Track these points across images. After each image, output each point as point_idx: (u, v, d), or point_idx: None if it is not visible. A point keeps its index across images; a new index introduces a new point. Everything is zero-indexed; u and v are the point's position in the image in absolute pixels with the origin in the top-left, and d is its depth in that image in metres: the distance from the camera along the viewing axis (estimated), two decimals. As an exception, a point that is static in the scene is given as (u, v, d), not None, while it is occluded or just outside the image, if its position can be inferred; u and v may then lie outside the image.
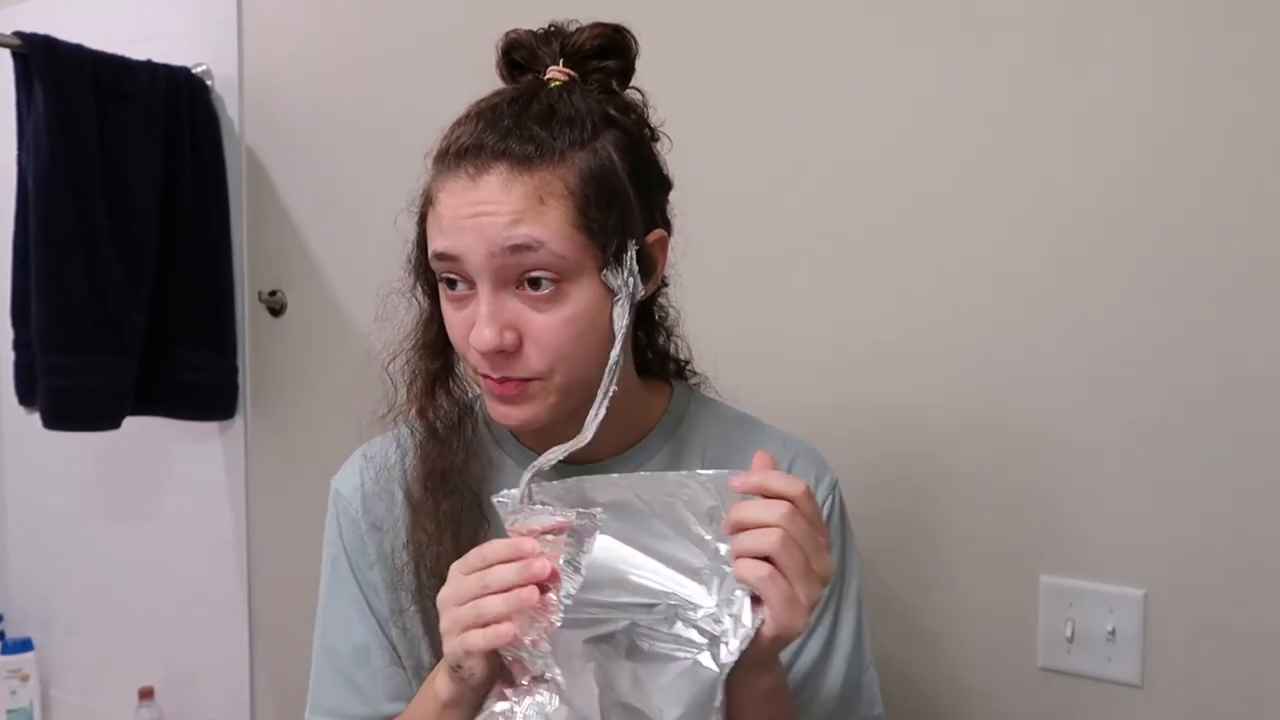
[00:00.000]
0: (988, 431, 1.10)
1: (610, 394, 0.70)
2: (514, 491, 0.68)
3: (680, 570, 0.64)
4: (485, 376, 0.73)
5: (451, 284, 0.72)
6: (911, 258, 1.13)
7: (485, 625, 0.64)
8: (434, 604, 0.70)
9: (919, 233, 1.12)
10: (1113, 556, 1.04)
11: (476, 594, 0.65)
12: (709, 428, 0.84)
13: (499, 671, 0.67)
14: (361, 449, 0.87)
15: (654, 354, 0.87)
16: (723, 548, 0.64)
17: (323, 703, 0.84)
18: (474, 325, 0.70)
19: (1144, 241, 1.01)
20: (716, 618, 0.63)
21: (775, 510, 0.63)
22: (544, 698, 0.63)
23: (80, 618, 2.05)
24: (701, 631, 0.63)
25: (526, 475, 0.68)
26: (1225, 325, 0.98)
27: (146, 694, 1.85)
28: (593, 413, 0.69)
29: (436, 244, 0.71)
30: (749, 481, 0.65)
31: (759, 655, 0.65)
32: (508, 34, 0.79)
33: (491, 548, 0.66)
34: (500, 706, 0.64)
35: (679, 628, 0.63)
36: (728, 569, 0.64)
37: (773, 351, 1.21)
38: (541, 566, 0.64)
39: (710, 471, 0.67)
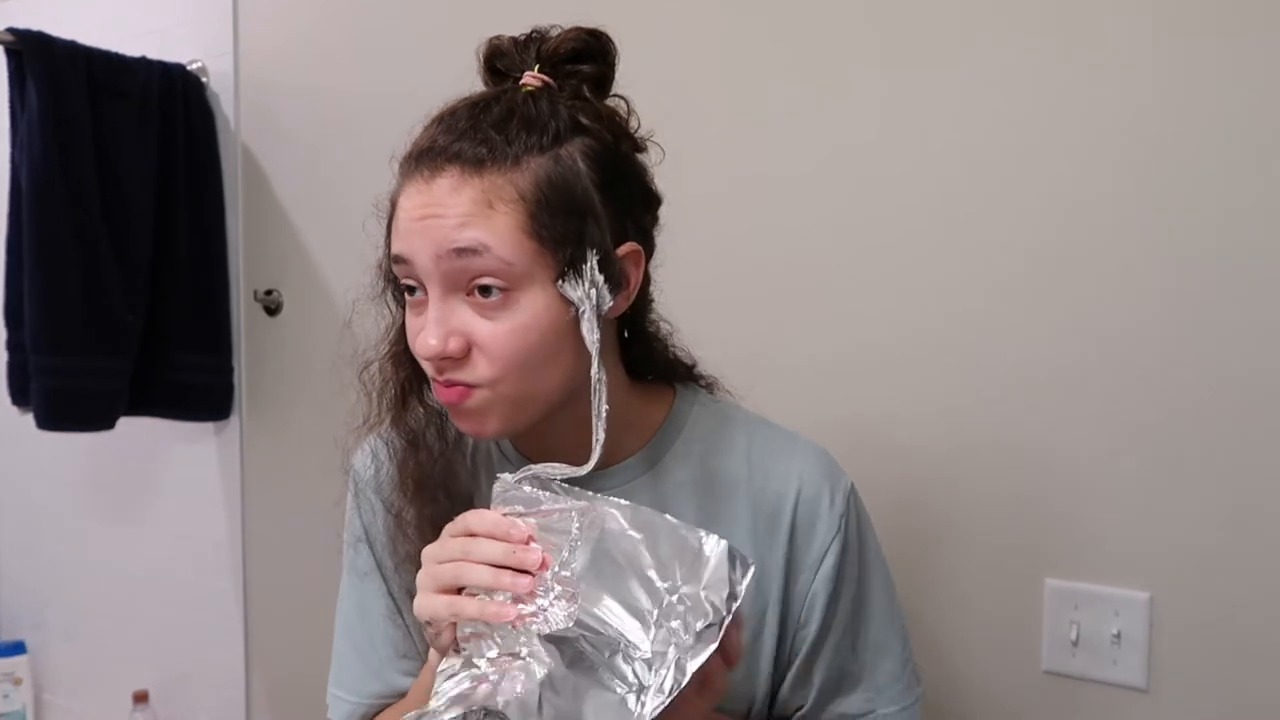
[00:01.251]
0: (992, 433, 1.10)
1: (604, 414, 0.70)
2: (510, 477, 0.69)
3: (628, 609, 0.65)
4: (435, 382, 0.73)
5: (411, 290, 0.72)
6: (912, 263, 1.13)
7: (461, 590, 0.66)
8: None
9: (918, 239, 1.13)
10: (1118, 559, 1.05)
11: (458, 557, 0.66)
12: (712, 433, 0.84)
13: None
14: (375, 433, 0.88)
15: (655, 363, 0.86)
16: (669, 599, 0.65)
17: (341, 678, 0.88)
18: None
19: (1150, 242, 1.01)
20: (650, 665, 0.64)
21: None
22: (516, 679, 0.64)
23: (74, 621, 2.05)
24: (635, 673, 0.64)
25: (518, 475, 0.69)
26: (1232, 325, 0.98)
27: (141, 698, 1.85)
28: (595, 437, 0.69)
29: (393, 247, 0.72)
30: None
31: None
32: (490, 41, 0.78)
33: (478, 517, 0.67)
34: (482, 692, 0.64)
35: (619, 661, 0.64)
36: (670, 622, 0.64)
37: (773, 356, 1.21)
38: (535, 557, 0.64)
39: (675, 521, 0.66)
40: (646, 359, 0.85)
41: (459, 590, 0.66)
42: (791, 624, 0.82)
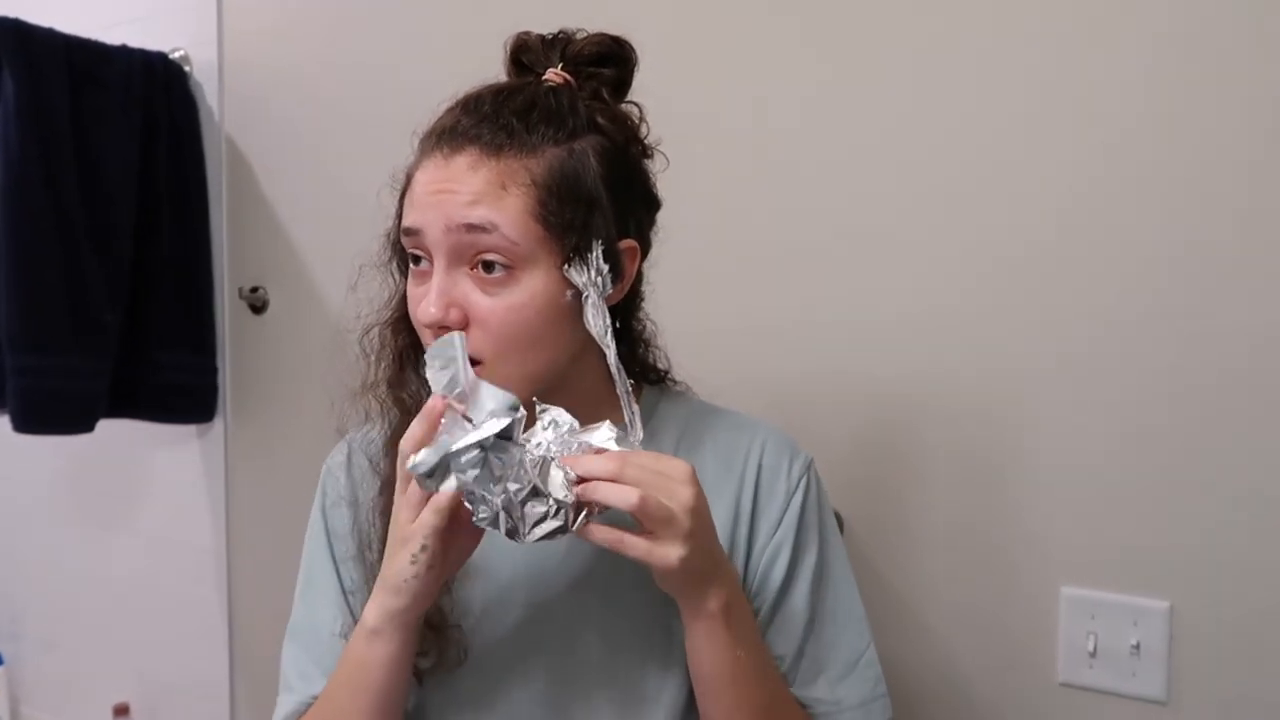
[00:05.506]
0: (1006, 436, 1.10)
1: (630, 392, 0.75)
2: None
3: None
4: None
5: (416, 260, 0.77)
6: (923, 264, 1.13)
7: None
8: None
9: (929, 236, 1.13)
10: (1137, 566, 1.04)
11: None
12: (679, 421, 0.88)
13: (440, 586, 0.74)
14: (351, 433, 0.92)
15: (635, 364, 0.90)
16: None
17: (291, 681, 0.90)
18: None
19: (1174, 243, 1.01)
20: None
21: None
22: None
23: (52, 631, 2.05)
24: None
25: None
26: (1257, 328, 0.98)
27: (122, 710, 1.86)
28: (627, 415, 0.75)
29: (405, 219, 0.78)
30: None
31: (673, 585, 0.72)
32: (518, 35, 0.83)
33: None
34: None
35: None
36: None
37: (776, 353, 1.22)
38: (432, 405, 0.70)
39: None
40: (628, 357, 0.88)
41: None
42: (746, 589, 0.84)
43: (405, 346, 0.84)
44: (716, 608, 0.74)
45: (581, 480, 0.68)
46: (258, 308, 1.70)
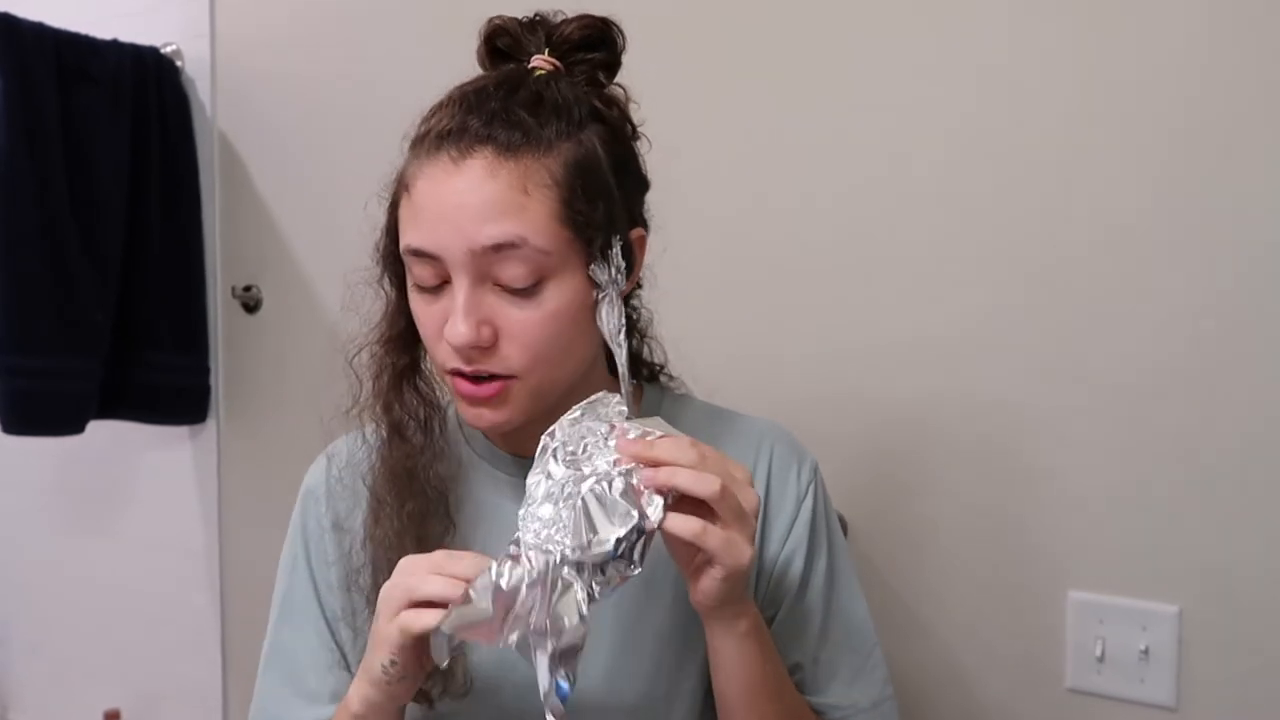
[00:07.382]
0: (1013, 438, 1.10)
1: (631, 394, 0.73)
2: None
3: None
4: (456, 375, 0.73)
5: (436, 288, 0.73)
6: (937, 253, 1.13)
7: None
8: None
9: (938, 245, 1.13)
10: (1146, 570, 1.04)
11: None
12: (685, 423, 0.85)
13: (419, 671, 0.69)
14: (329, 447, 0.89)
15: (629, 357, 0.88)
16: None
17: (268, 709, 0.86)
18: (448, 320, 0.71)
19: (1175, 247, 1.01)
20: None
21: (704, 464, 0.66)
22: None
23: (41, 636, 2.05)
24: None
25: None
26: (1260, 330, 0.98)
27: (112, 717, 1.85)
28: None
29: (411, 238, 0.72)
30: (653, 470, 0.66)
31: (724, 595, 0.68)
32: (491, 20, 0.80)
33: (461, 562, 0.66)
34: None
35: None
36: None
37: (783, 357, 1.22)
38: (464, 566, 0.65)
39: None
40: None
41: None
42: (759, 596, 0.83)
43: (404, 365, 0.81)
44: (749, 625, 0.72)
45: (656, 465, 0.65)
46: (251, 306, 1.70)
